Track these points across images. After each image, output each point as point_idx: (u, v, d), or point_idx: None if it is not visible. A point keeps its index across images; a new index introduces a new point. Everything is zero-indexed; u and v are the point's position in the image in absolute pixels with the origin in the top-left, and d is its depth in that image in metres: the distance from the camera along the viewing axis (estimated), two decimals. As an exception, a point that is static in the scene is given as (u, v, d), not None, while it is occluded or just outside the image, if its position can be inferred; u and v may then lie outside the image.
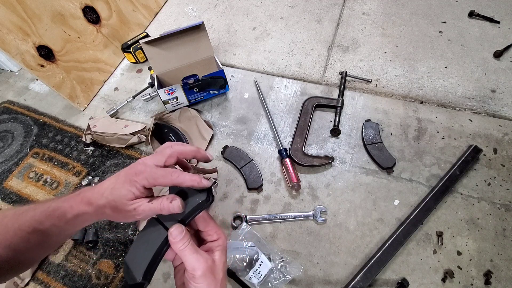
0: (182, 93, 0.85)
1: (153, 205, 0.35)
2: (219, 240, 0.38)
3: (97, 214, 0.37)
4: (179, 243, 0.33)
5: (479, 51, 0.92)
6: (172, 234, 0.34)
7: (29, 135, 0.95)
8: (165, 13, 1.22)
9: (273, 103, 0.90)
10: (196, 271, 0.33)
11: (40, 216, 0.37)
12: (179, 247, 0.33)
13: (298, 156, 0.77)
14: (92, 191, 0.37)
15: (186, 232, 0.34)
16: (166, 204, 0.35)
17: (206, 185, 0.37)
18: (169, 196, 0.37)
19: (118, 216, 0.37)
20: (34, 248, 0.39)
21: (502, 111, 0.81)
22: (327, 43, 1.01)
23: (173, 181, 0.36)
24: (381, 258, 0.62)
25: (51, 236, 0.38)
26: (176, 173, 0.36)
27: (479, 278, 0.61)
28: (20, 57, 0.80)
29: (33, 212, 0.38)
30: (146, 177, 0.35)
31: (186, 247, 0.33)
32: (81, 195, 0.38)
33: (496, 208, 0.67)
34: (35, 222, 0.37)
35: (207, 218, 0.38)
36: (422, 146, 0.77)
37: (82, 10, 0.95)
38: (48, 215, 0.37)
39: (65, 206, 0.37)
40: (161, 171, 0.36)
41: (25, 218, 0.38)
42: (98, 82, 1.02)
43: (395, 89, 0.88)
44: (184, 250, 0.33)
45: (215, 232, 0.38)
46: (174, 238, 0.34)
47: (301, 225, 0.70)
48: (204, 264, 0.33)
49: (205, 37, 0.86)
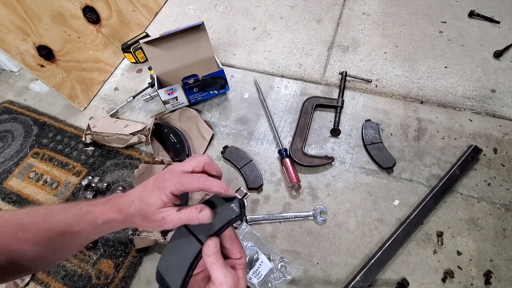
0: (182, 93, 0.85)
1: (181, 214, 0.35)
2: (242, 259, 0.38)
3: (126, 222, 0.39)
4: (212, 256, 0.34)
5: (479, 51, 0.92)
6: (210, 247, 0.34)
7: (29, 135, 0.95)
8: (165, 13, 1.22)
9: (273, 103, 0.90)
10: (223, 286, 0.33)
11: (71, 219, 0.39)
12: (211, 260, 0.34)
13: (298, 156, 0.77)
14: (122, 198, 0.39)
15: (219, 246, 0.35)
16: (195, 214, 0.35)
17: (231, 194, 0.37)
18: (198, 206, 0.36)
19: (146, 225, 0.37)
20: (61, 249, 0.40)
21: (502, 111, 0.81)
22: (327, 43, 1.01)
23: (200, 186, 0.36)
24: (381, 258, 0.62)
25: (78, 239, 0.40)
26: (203, 178, 0.36)
27: (479, 278, 0.61)
28: (20, 57, 0.80)
29: (64, 214, 0.39)
30: (173, 183, 0.36)
31: (217, 261, 0.34)
32: (111, 201, 0.39)
33: (496, 208, 0.67)
34: (65, 225, 0.38)
35: (233, 237, 0.38)
36: (422, 146, 0.77)
37: (82, 10, 0.95)
38: (79, 219, 0.38)
39: (96, 211, 0.38)
40: (188, 176, 0.36)
41: (56, 219, 0.39)
42: (98, 82, 1.02)
43: (395, 89, 0.88)
44: (215, 264, 0.34)
45: (239, 251, 0.38)
46: (210, 251, 0.34)
47: (301, 225, 0.70)
48: (231, 280, 0.34)
49: (205, 37, 0.86)
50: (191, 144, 0.84)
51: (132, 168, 0.83)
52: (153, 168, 0.79)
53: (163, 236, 0.69)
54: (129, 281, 0.67)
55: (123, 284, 0.67)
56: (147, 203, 0.36)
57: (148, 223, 0.37)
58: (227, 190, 0.36)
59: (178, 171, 0.37)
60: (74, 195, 0.81)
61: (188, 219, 0.35)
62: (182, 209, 0.36)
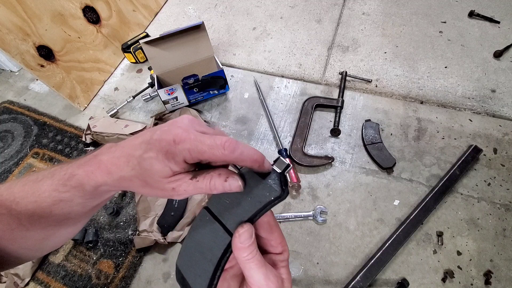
0: (182, 93, 0.85)
1: (199, 183, 0.26)
2: (284, 254, 0.29)
3: (121, 186, 0.29)
4: (246, 250, 0.25)
5: (479, 51, 0.92)
6: (242, 238, 0.25)
7: (29, 135, 0.95)
8: (165, 13, 1.22)
9: (273, 103, 0.90)
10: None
11: (57, 185, 0.30)
12: (245, 256, 0.25)
13: (298, 156, 0.77)
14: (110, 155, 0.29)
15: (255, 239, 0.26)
16: (219, 183, 0.26)
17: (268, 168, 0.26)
18: (222, 171, 0.26)
19: (149, 192, 0.28)
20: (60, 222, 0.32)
21: (502, 111, 0.81)
22: (327, 43, 1.01)
23: (227, 157, 0.25)
24: (381, 258, 0.62)
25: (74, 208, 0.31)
26: (232, 144, 0.25)
27: (479, 278, 0.61)
28: (20, 57, 0.80)
29: (51, 180, 0.30)
30: (188, 147, 0.25)
31: (253, 257, 0.25)
32: (97, 159, 0.29)
33: (496, 208, 0.67)
34: (54, 192, 0.30)
35: (272, 224, 0.29)
36: (422, 146, 0.77)
37: (82, 10, 0.95)
38: (64, 184, 0.30)
39: (81, 173, 0.29)
40: (209, 139, 0.25)
41: (43, 188, 0.30)
42: (98, 82, 1.02)
43: (395, 89, 0.88)
44: (250, 261, 0.25)
45: (279, 243, 0.29)
46: (242, 243, 0.25)
47: (301, 225, 0.70)
48: (274, 284, 0.26)
49: (205, 37, 0.86)
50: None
51: (132, 168, 0.83)
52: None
53: (163, 236, 0.69)
54: (129, 281, 0.67)
55: (123, 284, 0.67)
56: (149, 169, 0.26)
57: (151, 190, 0.28)
58: (263, 164, 0.26)
59: (193, 131, 0.26)
60: (74, 195, 0.81)
61: (208, 189, 0.26)
62: (199, 176, 0.26)
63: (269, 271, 0.26)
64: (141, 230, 0.70)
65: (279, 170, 0.26)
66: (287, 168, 0.26)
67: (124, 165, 0.27)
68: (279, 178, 0.26)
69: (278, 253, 0.29)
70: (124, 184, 0.28)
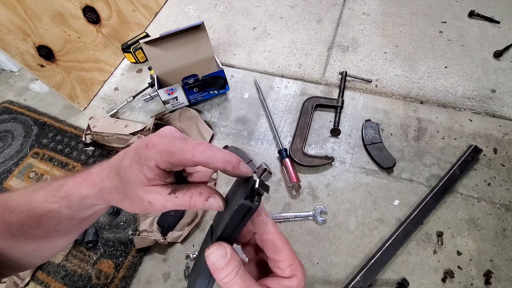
0: (182, 93, 0.85)
1: (178, 200, 0.25)
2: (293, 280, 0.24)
3: (104, 199, 0.28)
4: (222, 272, 0.22)
5: (479, 51, 0.92)
6: (210, 260, 0.23)
7: (29, 135, 0.95)
8: (165, 13, 1.22)
9: (273, 103, 0.90)
10: None
11: (48, 195, 0.30)
12: (222, 279, 0.22)
13: (298, 156, 0.77)
14: (98, 167, 0.29)
15: (233, 256, 0.23)
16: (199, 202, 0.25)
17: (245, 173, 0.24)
18: (203, 190, 0.25)
19: (128, 207, 0.27)
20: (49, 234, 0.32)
21: (502, 111, 0.81)
22: (327, 43, 1.01)
23: (197, 157, 0.24)
24: (381, 258, 0.62)
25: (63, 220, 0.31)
26: (202, 146, 0.24)
27: (479, 278, 0.61)
28: (20, 57, 0.80)
29: (44, 191, 0.31)
30: (159, 151, 0.24)
31: (232, 280, 0.22)
32: (88, 170, 0.30)
33: (496, 208, 0.67)
34: (44, 203, 0.30)
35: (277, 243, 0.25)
36: (422, 146, 0.77)
37: (82, 10, 0.95)
38: (53, 195, 0.30)
39: (69, 184, 0.29)
40: (180, 143, 0.24)
41: (36, 198, 0.31)
42: (98, 82, 1.02)
43: (395, 89, 0.88)
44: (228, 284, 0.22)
45: (288, 265, 0.24)
46: (213, 265, 0.23)
47: (301, 225, 0.70)
48: None
49: (205, 37, 0.86)
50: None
51: (132, 168, 0.83)
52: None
53: (163, 236, 0.69)
54: (129, 281, 0.67)
55: (123, 284, 0.67)
56: (124, 178, 0.25)
57: (130, 204, 0.27)
58: (237, 167, 0.24)
59: (169, 136, 0.26)
60: (74, 195, 0.81)
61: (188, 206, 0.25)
62: (178, 192, 0.25)
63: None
64: (141, 230, 0.70)
65: (256, 178, 0.23)
66: (263, 174, 0.24)
67: (106, 176, 0.27)
68: (252, 186, 0.23)
69: (287, 277, 0.25)
70: (106, 197, 0.28)
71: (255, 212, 0.24)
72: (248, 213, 0.23)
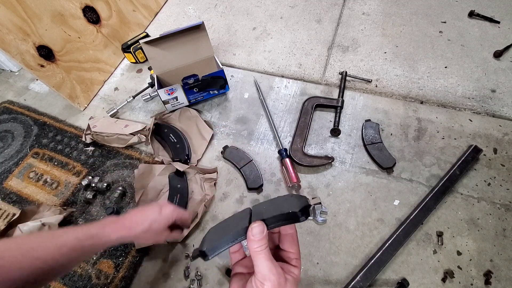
0: (182, 93, 0.85)
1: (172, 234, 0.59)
2: (296, 269, 0.33)
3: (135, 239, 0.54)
4: (257, 243, 0.30)
5: (479, 51, 0.92)
6: (253, 231, 0.30)
7: (29, 135, 0.95)
8: (165, 13, 1.22)
9: (273, 103, 0.90)
10: (266, 281, 0.29)
11: (82, 236, 0.47)
12: (255, 248, 0.30)
13: (298, 156, 0.77)
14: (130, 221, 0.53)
15: (267, 235, 0.31)
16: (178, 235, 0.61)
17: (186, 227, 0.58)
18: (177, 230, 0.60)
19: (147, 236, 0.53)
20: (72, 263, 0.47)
21: (502, 111, 0.81)
22: (327, 43, 1.01)
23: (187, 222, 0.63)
24: (381, 258, 0.62)
25: (88, 253, 0.48)
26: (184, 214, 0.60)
27: (479, 278, 0.61)
28: (20, 57, 0.80)
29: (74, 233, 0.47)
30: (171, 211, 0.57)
31: (262, 251, 0.30)
32: (119, 222, 0.52)
33: (496, 208, 0.67)
34: (76, 240, 0.46)
35: (295, 238, 0.34)
36: (422, 146, 0.77)
37: (82, 10, 0.95)
38: (89, 237, 0.47)
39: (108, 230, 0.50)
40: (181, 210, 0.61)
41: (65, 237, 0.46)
42: (98, 82, 1.02)
43: (395, 89, 0.88)
44: (259, 253, 0.30)
45: (295, 258, 0.34)
46: (253, 236, 0.30)
47: (301, 225, 0.70)
48: (277, 277, 0.29)
49: (205, 37, 0.86)
50: (191, 144, 0.84)
51: (132, 168, 0.83)
52: (153, 168, 0.79)
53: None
54: (129, 281, 0.67)
55: (123, 284, 0.67)
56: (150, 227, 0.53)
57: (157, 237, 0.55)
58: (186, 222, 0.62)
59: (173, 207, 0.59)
60: (74, 195, 0.81)
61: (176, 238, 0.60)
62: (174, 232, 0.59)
63: (274, 266, 0.30)
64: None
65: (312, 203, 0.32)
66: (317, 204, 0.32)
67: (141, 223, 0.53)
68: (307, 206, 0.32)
69: (293, 265, 0.33)
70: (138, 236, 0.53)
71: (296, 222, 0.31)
72: (292, 220, 0.31)
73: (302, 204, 0.31)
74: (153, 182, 0.78)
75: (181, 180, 0.77)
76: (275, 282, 0.29)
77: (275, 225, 0.31)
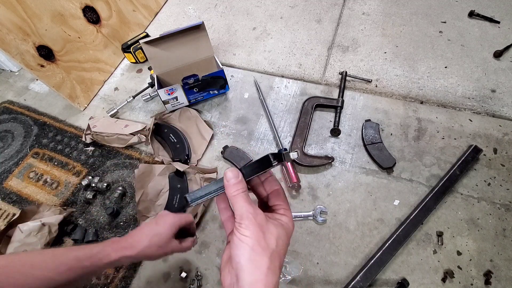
0: (182, 93, 0.85)
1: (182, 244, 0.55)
2: (284, 217, 0.34)
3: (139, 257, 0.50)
4: (233, 187, 0.31)
5: (479, 51, 0.92)
6: (226, 176, 0.31)
7: (29, 135, 0.95)
8: (165, 13, 1.22)
9: (273, 103, 0.90)
10: (243, 220, 0.30)
11: (82, 256, 0.47)
12: (232, 192, 0.31)
13: (298, 156, 0.77)
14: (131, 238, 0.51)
15: (242, 180, 0.32)
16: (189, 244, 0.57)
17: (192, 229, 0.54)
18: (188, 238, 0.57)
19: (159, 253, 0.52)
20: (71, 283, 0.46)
21: (502, 111, 0.81)
22: (327, 43, 1.01)
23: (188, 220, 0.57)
24: (381, 258, 0.62)
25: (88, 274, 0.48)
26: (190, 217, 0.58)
27: (479, 278, 0.61)
28: (20, 57, 0.80)
29: (74, 252, 0.47)
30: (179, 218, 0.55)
31: (239, 194, 0.31)
32: (120, 242, 0.50)
33: (496, 208, 0.67)
34: (75, 260, 0.46)
35: (280, 193, 0.35)
36: (422, 146, 0.77)
37: (82, 10, 0.95)
38: (89, 257, 0.47)
39: (109, 250, 0.48)
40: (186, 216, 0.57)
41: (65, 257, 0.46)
42: (98, 82, 1.02)
43: (395, 89, 0.88)
44: (236, 196, 0.31)
45: (283, 208, 0.34)
46: (228, 181, 0.31)
47: (301, 225, 0.70)
48: (253, 215, 0.30)
49: (205, 37, 0.86)
50: (191, 144, 0.84)
51: (132, 168, 0.83)
52: (153, 168, 0.79)
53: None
54: (129, 281, 0.67)
55: (123, 284, 0.67)
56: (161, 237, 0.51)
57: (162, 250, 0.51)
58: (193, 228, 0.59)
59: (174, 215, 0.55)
60: (74, 195, 0.81)
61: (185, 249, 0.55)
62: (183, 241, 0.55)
63: (252, 206, 0.31)
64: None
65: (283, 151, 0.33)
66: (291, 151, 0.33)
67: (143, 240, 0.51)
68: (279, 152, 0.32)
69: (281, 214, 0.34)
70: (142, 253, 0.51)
71: (270, 168, 0.32)
72: (267, 165, 0.31)
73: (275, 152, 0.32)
74: (153, 182, 0.78)
75: (181, 180, 0.77)
76: (252, 219, 0.29)
77: (251, 172, 0.32)
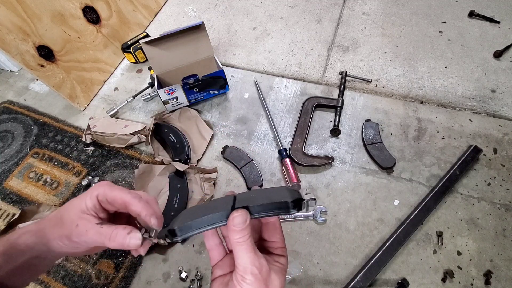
0: (182, 93, 0.85)
1: (102, 229, 0.30)
2: (282, 259, 0.30)
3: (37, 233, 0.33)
4: (239, 233, 0.26)
5: (479, 51, 0.92)
6: (234, 221, 0.27)
7: (29, 135, 0.95)
8: (165, 13, 1.22)
9: (273, 103, 0.90)
10: (247, 275, 0.26)
11: None
12: (236, 238, 0.27)
13: (298, 156, 0.77)
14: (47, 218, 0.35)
15: (249, 225, 0.27)
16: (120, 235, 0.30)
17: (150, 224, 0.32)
18: (128, 227, 0.31)
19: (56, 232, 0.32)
20: None
21: (502, 111, 0.81)
22: (327, 43, 1.01)
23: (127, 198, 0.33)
24: (381, 258, 0.62)
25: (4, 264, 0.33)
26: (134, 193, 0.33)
27: (479, 278, 0.61)
28: (20, 57, 0.80)
29: None
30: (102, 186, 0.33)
31: (244, 241, 0.27)
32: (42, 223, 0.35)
33: (496, 208, 0.67)
34: None
35: (277, 227, 0.31)
36: (422, 146, 0.77)
37: (82, 10, 0.95)
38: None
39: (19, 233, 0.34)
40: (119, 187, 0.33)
41: None
42: (98, 82, 1.02)
43: (395, 89, 0.88)
44: (241, 244, 0.27)
45: (280, 246, 0.31)
46: (234, 226, 0.26)
47: (301, 225, 0.70)
48: (259, 269, 0.26)
49: (205, 37, 0.86)
50: (191, 144, 0.84)
51: (132, 168, 0.83)
52: (153, 168, 0.79)
53: (163, 236, 0.69)
54: (129, 281, 0.67)
55: (123, 284, 0.67)
56: (67, 207, 0.32)
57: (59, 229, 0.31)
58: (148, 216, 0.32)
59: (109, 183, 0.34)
60: (74, 195, 0.81)
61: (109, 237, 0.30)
62: (105, 225, 0.31)
63: (257, 257, 0.27)
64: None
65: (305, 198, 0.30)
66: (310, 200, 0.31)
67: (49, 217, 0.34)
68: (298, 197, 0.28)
69: (279, 254, 0.31)
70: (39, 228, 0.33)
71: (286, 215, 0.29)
72: (281, 211, 0.27)
73: (295, 196, 0.28)
74: (153, 182, 0.78)
75: (181, 180, 0.77)
76: (258, 274, 0.26)
77: (261, 214, 0.28)
